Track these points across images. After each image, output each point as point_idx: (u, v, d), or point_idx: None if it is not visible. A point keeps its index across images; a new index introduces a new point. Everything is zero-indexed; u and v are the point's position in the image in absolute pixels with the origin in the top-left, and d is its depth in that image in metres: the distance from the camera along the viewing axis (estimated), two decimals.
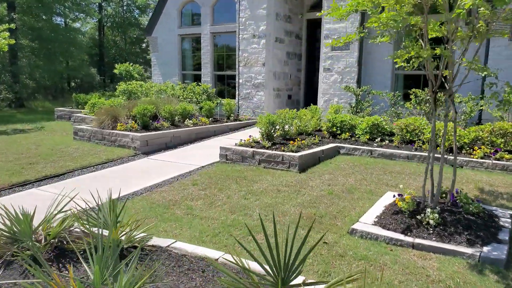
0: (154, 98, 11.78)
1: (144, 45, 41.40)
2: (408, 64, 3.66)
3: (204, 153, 7.67)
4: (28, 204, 4.82)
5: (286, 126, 7.21)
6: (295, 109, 8.04)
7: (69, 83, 29.90)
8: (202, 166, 6.69)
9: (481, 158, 5.96)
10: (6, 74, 21.06)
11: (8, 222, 3.12)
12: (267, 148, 6.42)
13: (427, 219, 3.51)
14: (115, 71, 14.75)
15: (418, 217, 3.59)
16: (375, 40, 3.89)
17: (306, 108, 8.36)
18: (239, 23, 11.30)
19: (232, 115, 10.84)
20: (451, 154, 6.18)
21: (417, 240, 3.38)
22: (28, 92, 22.60)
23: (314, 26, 12.37)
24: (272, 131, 6.70)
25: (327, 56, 9.82)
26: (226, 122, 10.30)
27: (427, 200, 3.89)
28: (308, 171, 5.91)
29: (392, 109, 8.18)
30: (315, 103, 12.50)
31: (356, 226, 3.71)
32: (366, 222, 3.80)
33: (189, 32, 12.96)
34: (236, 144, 6.84)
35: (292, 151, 6.16)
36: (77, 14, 27.02)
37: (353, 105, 8.93)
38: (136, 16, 38.86)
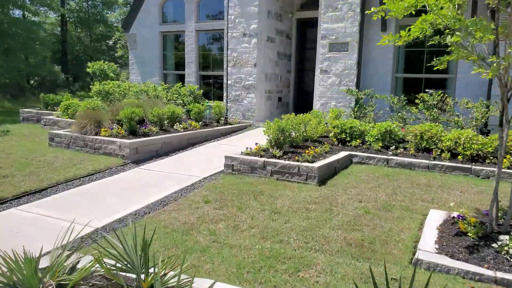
0: (133, 99, 10.91)
1: (111, 42, 39.71)
2: (488, 71, 3.16)
3: (201, 161, 6.98)
4: (10, 231, 3.98)
5: (293, 133, 6.65)
6: (293, 113, 7.49)
7: (28, 81, 27.96)
8: (205, 178, 6.02)
9: None
10: None
11: (4, 269, 2.36)
12: (279, 158, 5.83)
13: (506, 248, 3.04)
14: (88, 69, 13.67)
15: (494, 245, 3.12)
16: (445, 40, 3.36)
17: (308, 113, 7.83)
18: (228, 20, 10.64)
19: (222, 118, 10.17)
20: (480, 164, 5.83)
21: (500, 274, 2.90)
22: None
23: (305, 26, 11.90)
24: (281, 138, 6.11)
25: (325, 57, 9.35)
26: (217, 126, 9.62)
27: (491, 223, 3.44)
28: (328, 183, 5.37)
29: (399, 114, 7.80)
30: (306, 105, 12.05)
31: (420, 256, 3.19)
32: (428, 250, 3.30)
33: (172, 29, 12.14)
34: (242, 152, 6.21)
35: (308, 161, 5.60)
36: (38, 7, 25.28)
37: (356, 109, 8.50)
38: (102, 11, 37.15)
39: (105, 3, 37.86)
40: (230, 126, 9.84)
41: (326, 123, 7.64)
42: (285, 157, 5.87)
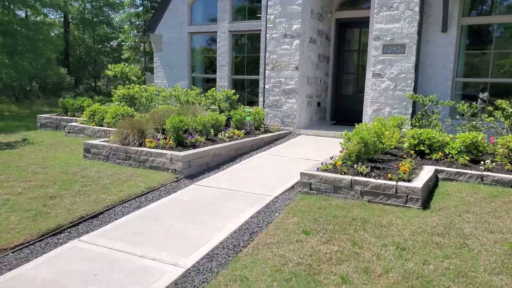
0: (164, 105, 10.16)
1: (115, 44, 38.92)
2: None
3: (259, 176, 6.26)
4: (85, 273, 3.18)
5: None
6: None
7: (24, 84, 27.04)
8: (276, 197, 5.29)
9: None
10: None
11: None
12: (366, 175, 5.09)
13: None
14: (109, 72, 12.89)
15: None
16: None
17: (375, 121, 7.11)
18: (266, 20, 9.91)
19: (262, 125, 9.44)
20: None
21: None
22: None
23: (343, 26, 11.20)
24: (363, 151, 5.38)
25: (378, 60, 8.64)
26: (259, 134, 8.88)
27: None
28: (432, 207, 4.64)
29: (473, 123, 7.09)
30: (343, 111, 11.35)
31: None
32: None
33: (202, 30, 11.39)
34: (318, 168, 5.47)
35: (404, 180, 4.88)
36: (42, 8, 24.42)
37: (419, 117, 7.79)
38: (106, 12, 36.35)
39: (109, 5, 37.09)
40: (271, 134, 9.12)
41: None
42: (373, 174, 5.13)
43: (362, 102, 10.99)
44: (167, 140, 6.87)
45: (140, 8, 32.65)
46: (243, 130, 8.71)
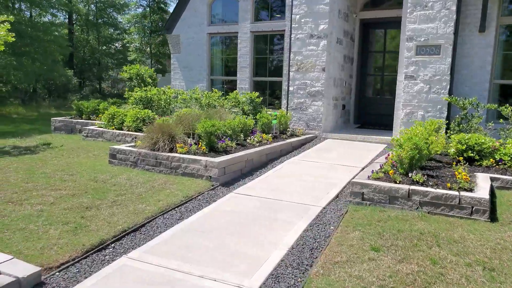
0: (187, 108, 9.86)
1: (119, 45, 38.63)
2: None
3: (297, 184, 5.94)
4: None
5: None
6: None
7: (31, 86, 26.69)
8: (324, 208, 4.97)
9: None
10: None
11: None
12: (422, 184, 4.76)
13: None
14: (124, 74, 12.56)
15: None
16: None
17: (416, 125, 6.79)
18: (291, 20, 9.60)
19: (288, 129, 9.12)
20: None
21: None
22: (1, 97, 19.65)
23: (367, 27, 10.89)
24: (416, 158, 5.05)
25: (410, 61, 8.32)
26: (286, 138, 8.57)
27: None
28: (501, 219, 4.32)
29: None
30: (367, 114, 11.03)
31: None
32: None
33: (223, 30, 11.08)
34: (369, 177, 5.14)
35: (466, 189, 4.55)
36: (53, 9, 24.12)
37: (458, 120, 7.46)
38: (111, 13, 36.07)
39: (113, 6, 36.82)
40: (297, 138, 8.79)
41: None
42: (430, 183, 4.80)
43: (388, 105, 10.70)
44: (200, 145, 6.54)
45: (144, 9, 32.36)
46: (270, 134, 8.38)
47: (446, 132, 7.56)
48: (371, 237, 3.91)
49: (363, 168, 6.77)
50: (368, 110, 11.21)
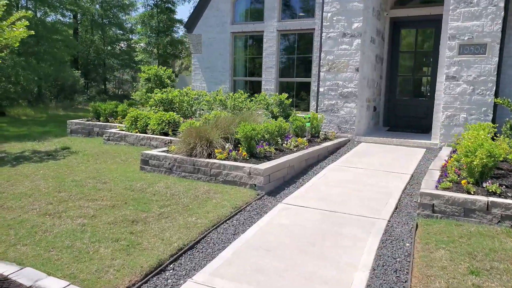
0: (217, 111, 9.44)
1: (124, 45, 38.26)
2: None
3: (350, 192, 5.51)
4: None
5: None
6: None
7: (39, 87, 26.28)
8: (389, 221, 4.55)
9: None
10: None
11: None
12: (500, 196, 4.34)
13: None
14: (142, 75, 12.17)
15: None
16: None
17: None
18: (322, 18, 9.18)
19: (321, 132, 8.71)
20: None
21: None
22: (10, 98, 19.23)
23: (398, 26, 10.47)
24: (490, 166, 4.63)
25: (452, 61, 7.89)
26: (320, 142, 8.15)
27: None
28: None
29: None
30: (396, 116, 10.61)
31: None
32: None
33: (247, 29, 10.65)
34: (437, 187, 4.72)
35: None
36: (62, 10, 23.71)
37: (509, 123, 7.03)
38: (116, 13, 35.69)
39: (118, 6, 36.46)
40: (331, 142, 8.38)
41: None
42: (510, 194, 4.37)
43: (419, 107, 10.29)
44: (240, 151, 6.11)
45: (151, 9, 31.92)
46: (304, 138, 7.96)
47: (495, 136, 7.14)
48: (462, 257, 3.49)
49: (412, 175, 6.36)
50: (397, 112, 10.79)
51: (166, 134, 8.81)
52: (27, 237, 3.85)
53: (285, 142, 7.29)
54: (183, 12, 74.94)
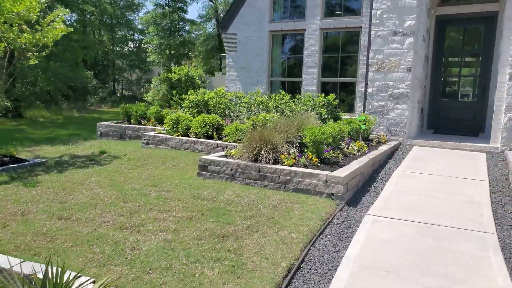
0: (263, 113, 9.05)
1: (132, 45, 37.92)
2: None
3: (435, 202, 5.10)
4: None
5: None
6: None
7: (55, 88, 25.85)
8: (498, 235, 4.13)
9: None
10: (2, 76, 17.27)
11: None
12: None
13: None
14: (173, 75, 11.78)
15: None
16: None
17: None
18: (371, 16, 8.78)
19: (374, 135, 8.30)
20: None
21: None
22: (30, 99, 18.87)
23: (444, 24, 10.05)
24: None
25: None
26: (376, 146, 7.75)
27: None
28: None
29: None
30: (444, 119, 10.20)
31: None
32: None
33: (287, 28, 10.24)
34: None
35: None
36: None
37: None
38: (125, 13, 35.36)
39: (128, 6, 36.14)
40: (385, 145, 8.00)
41: None
42: None
43: (465, 109, 9.90)
44: (310, 157, 5.70)
45: (163, 8, 31.52)
46: (361, 142, 7.55)
47: None
48: None
49: (489, 182, 5.95)
50: (442, 114, 10.36)
51: (209, 138, 8.41)
52: (116, 255, 3.44)
53: (347, 147, 6.87)
54: (192, 12, 74.78)
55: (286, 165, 5.58)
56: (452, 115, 10.15)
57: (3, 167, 6.56)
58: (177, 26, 32.09)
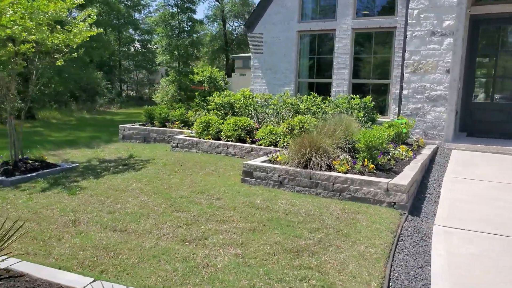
0: (298, 116, 8.79)
1: (138, 46, 37.70)
2: None
3: (500, 211, 4.83)
4: None
5: None
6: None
7: (69, 89, 25.56)
8: None
9: None
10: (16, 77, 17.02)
11: None
12: None
13: None
14: (196, 77, 11.52)
15: None
16: None
17: None
18: (407, 16, 8.51)
19: (413, 138, 8.03)
20: None
21: None
22: (44, 101, 18.63)
23: (477, 24, 9.76)
24: None
25: None
26: (417, 150, 7.48)
27: None
28: None
29: None
30: (476, 121, 9.92)
31: None
32: None
33: (316, 27, 9.97)
34: None
35: None
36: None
37: None
38: (131, 13, 35.10)
39: (134, 6, 35.89)
40: (425, 149, 7.71)
41: None
42: None
43: (501, 112, 9.60)
44: (365, 163, 5.43)
45: (172, 8, 31.21)
46: (404, 146, 7.28)
47: None
48: None
49: None
50: (474, 116, 10.08)
51: (241, 141, 8.16)
52: (191, 274, 3.18)
53: (393, 151, 6.60)
54: (198, 13, 74.41)
55: (339, 172, 5.31)
56: (486, 118, 9.87)
57: (36, 172, 6.32)
58: (186, 26, 31.81)
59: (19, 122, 7.05)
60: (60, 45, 6.74)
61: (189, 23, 32.50)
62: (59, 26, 6.72)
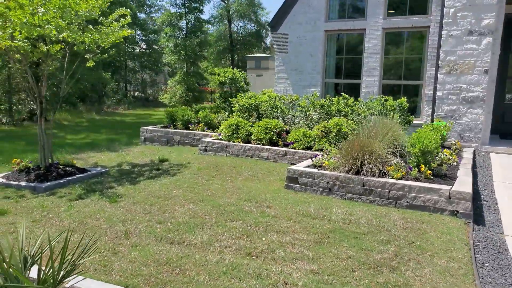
0: (335, 118, 8.53)
1: (143, 46, 37.44)
2: None
3: None
4: None
5: None
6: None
7: (80, 90, 25.31)
8: None
9: None
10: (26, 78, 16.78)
11: None
12: None
13: None
14: (218, 78, 11.23)
15: None
16: None
17: None
18: (442, 15, 8.24)
19: (451, 141, 7.76)
20: None
21: None
22: (58, 102, 18.35)
23: (510, 23, 9.49)
24: None
25: None
26: (458, 153, 7.20)
27: None
28: None
29: None
30: (509, 124, 9.65)
31: None
32: None
33: (345, 27, 9.70)
34: None
35: None
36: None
37: None
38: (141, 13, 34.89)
39: (140, 6, 35.66)
40: (465, 152, 7.45)
41: None
42: None
43: None
44: (422, 168, 5.15)
45: (179, 8, 30.95)
46: (447, 150, 7.01)
47: None
48: None
49: None
50: (506, 118, 9.82)
51: (273, 144, 7.90)
52: None
53: (440, 155, 6.33)
54: (205, 14, 74.22)
55: (394, 179, 5.04)
56: None
57: (68, 178, 6.06)
58: (194, 26, 31.55)
59: (48, 125, 6.79)
60: (91, 45, 6.48)
61: (197, 23, 32.24)
62: (90, 26, 6.45)
